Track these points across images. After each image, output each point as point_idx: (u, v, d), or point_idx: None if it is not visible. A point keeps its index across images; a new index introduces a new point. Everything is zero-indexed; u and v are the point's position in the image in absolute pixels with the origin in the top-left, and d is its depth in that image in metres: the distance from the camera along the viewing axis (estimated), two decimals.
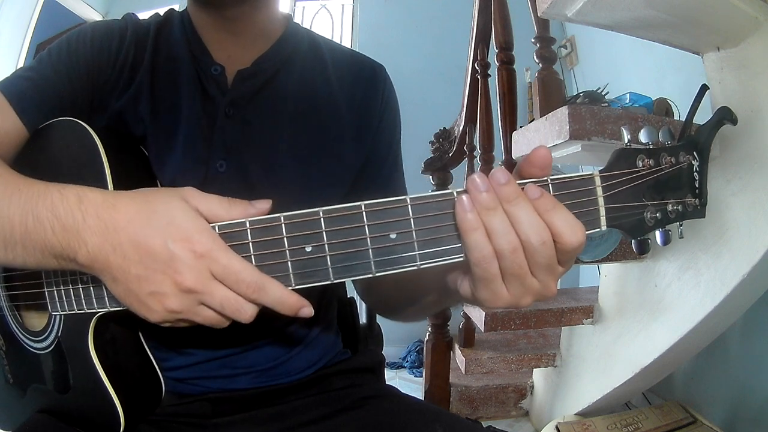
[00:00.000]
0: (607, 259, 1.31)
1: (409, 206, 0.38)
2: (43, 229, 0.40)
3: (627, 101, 1.25)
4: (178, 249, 0.38)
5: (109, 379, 0.50)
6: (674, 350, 1.20)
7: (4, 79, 0.58)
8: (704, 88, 0.44)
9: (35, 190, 0.42)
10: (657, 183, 0.40)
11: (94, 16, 3.06)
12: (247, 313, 0.40)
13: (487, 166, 1.62)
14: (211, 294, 0.39)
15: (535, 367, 1.72)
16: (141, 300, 0.40)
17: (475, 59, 1.78)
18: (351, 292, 0.79)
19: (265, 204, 0.41)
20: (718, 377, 1.51)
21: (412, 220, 0.38)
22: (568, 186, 0.39)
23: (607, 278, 1.47)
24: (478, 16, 1.76)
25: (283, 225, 0.39)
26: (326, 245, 0.38)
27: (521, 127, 1.30)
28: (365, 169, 0.68)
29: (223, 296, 0.39)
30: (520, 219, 0.36)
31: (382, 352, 0.83)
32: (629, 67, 2.34)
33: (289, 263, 0.39)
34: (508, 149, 1.45)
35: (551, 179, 0.38)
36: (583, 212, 0.39)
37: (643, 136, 0.41)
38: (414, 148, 1.34)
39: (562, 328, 1.61)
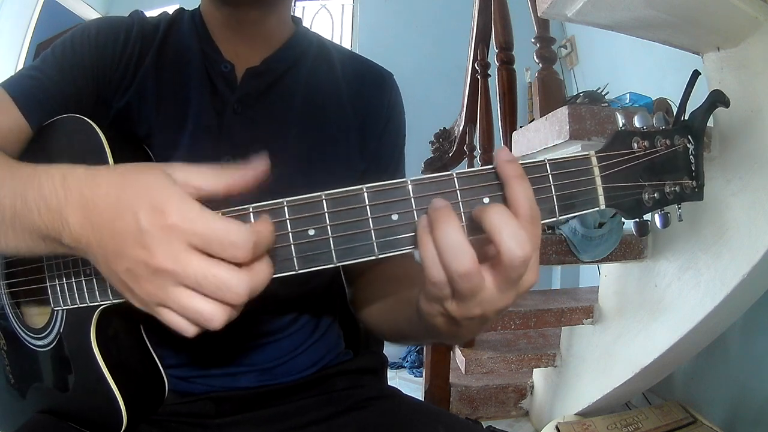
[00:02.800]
0: (607, 259, 1.31)
1: (410, 187, 0.38)
2: (30, 210, 0.39)
3: (627, 101, 1.25)
4: (146, 222, 0.34)
5: (112, 376, 0.50)
6: (674, 350, 1.20)
7: (9, 78, 0.58)
8: (696, 74, 0.44)
9: (25, 173, 0.41)
10: (653, 164, 0.40)
11: (94, 16, 3.06)
12: (236, 290, 0.34)
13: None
14: (186, 271, 0.33)
15: (535, 367, 1.72)
16: (121, 279, 0.36)
17: (475, 59, 1.79)
18: None
19: (261, 166, 0.37)
20: (718, 377, 1.51)
21: (413, 200, 0.38)
22: (565, 166, 0.39)
23: (607, 278, 1.47)
24: (478, 16, 1.76)
25: (285, 208, 0.38)
26: (329, 227, 0.38)
27: (521, 127, 1.31)
28: (368, 172, 0.68)
29: (199, 272, 0.33)
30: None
31: (383, 353, 0.83)
32: (629, 67, 2.34)
33: (293, 247, 0.39)
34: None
35: (548, 160, 0.39)
36: (581, 191, 0.39)
37: (637, 121, 0.41)
38: (414, 148, 1.34)
39: (562, 328, 1.61)
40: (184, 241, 0.34)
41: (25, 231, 0.40)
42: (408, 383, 2.54)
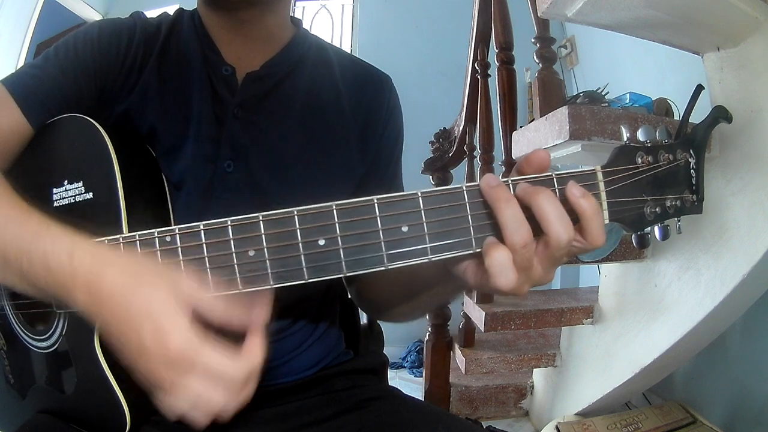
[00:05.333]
0: (607, 259, 1.31)
1: (420, 199, 0.39)
2: (36, 275, 0.41)
3: (627, 101, 1.25)
4: (149, 342, 0.37)
5: (115, 378, 0.50)
6: (674, 350, 1.20)
7: (10, 75, 0.58)
8: (699, 88, 0.45)
9: (30, 229, 0.43)
10: (656, 179, 0.41)
11: (94, 16, 3.06)
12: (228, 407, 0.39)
13: (487, 166, 1.62)
14: (185, 391, 0.37)
15: (535, 367, 1.72)
16: (128, 352, 0.39)
17: (475, 59, 1.78)
18: None
19: (262, 311, 0.41)
20: (718, 377, 1.51)
21: (423, 212, 0.38)
22: (571, 180, 0.40)
23: (607, 278, 1.47)
24: (478, 16, 1.76)
25: (296, 218, 0.39)
26: (339, 238, 0.39)
27: (521, 127, 1.31)
28: (367, 175, 0.69)
29: (198, 390, 0.37)
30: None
31: (384, 353, 0.83)
32: (629, 67, 2.34)
33: (303, 257, 0.39)
34: (508, 149, 1.46)
35: (556, 174, 0.39)
36: None
37: (641, 135, 0.42)
38: (414, 148, 1.34)
39: (562, 328, 1.61)
40: (182, 367, 0.36)
41: (31, 286, 0.43)
42: (408, 383, 2.54)
